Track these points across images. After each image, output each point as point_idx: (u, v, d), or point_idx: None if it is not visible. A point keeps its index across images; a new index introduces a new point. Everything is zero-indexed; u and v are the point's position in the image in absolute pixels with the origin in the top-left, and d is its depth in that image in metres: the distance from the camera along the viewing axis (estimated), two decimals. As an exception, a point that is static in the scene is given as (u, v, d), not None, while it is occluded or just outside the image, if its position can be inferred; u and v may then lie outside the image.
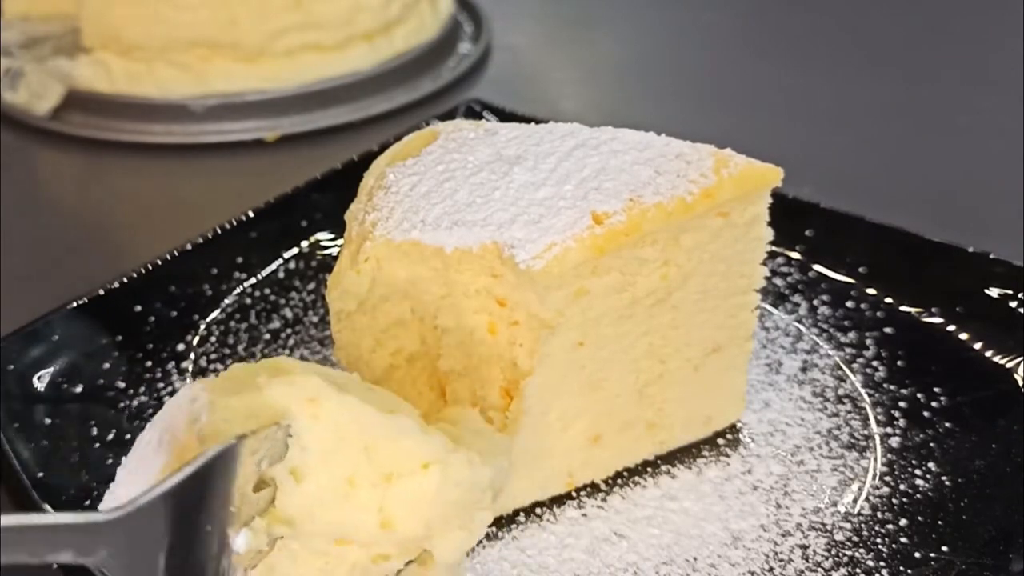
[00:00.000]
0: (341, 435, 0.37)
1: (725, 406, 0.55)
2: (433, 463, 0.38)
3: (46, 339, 0.57)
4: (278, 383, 0.37)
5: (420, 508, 0.38)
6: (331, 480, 0.37)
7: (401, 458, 0.38)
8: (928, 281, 0.61)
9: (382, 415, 0.37)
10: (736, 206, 0.47)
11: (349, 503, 0.37)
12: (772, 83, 1.02)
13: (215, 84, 0.91)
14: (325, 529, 0.37)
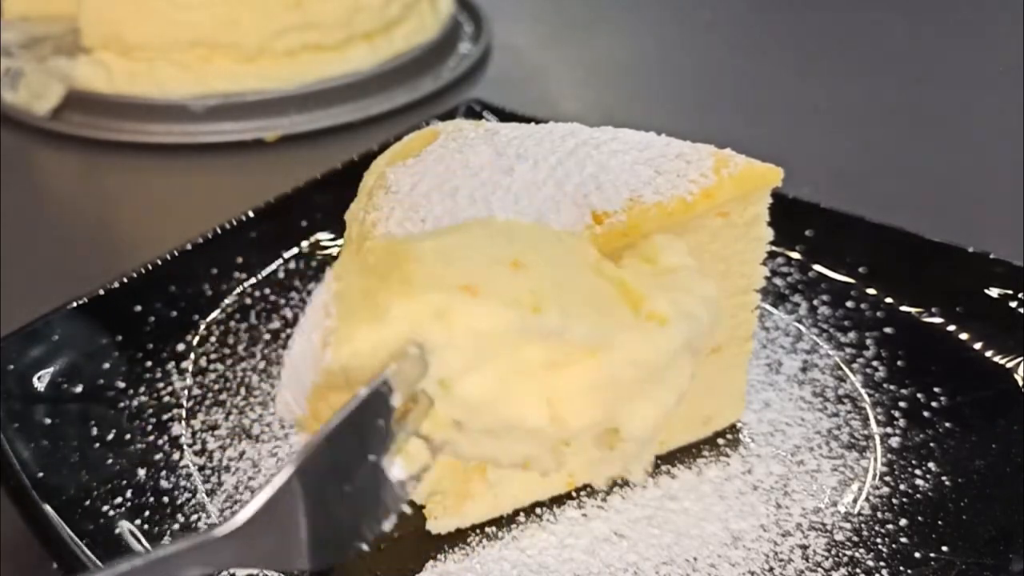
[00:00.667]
0: (481, 343, 0.34)
1: (725, 406, 0.55)
2: (599, 349, 0.34)
3: (46, 339, 0.57)
4: (400, 305, 0.33)
5: (592, 397, 0.34)
6: (483, 383, 0.34)
7: (558, 350, 0.34)
8: (928, 281, 0.61)
9: (522, 314, 0.33)
10: (736, 206, 0.47)
11: (510, 402, 0.34)
12: (772, 83, 1.02)
13: (215, 84, 0.91)
14: (490, 429, 0.34)
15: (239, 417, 0.56)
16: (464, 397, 0.34)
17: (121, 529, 0.48)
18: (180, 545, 0.30)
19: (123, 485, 0.50)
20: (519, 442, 0.35)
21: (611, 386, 0.35)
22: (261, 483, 0.51)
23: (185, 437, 0.54)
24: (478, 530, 0.49)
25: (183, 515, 0.49)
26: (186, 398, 0.57)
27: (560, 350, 0.34)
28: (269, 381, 0.59)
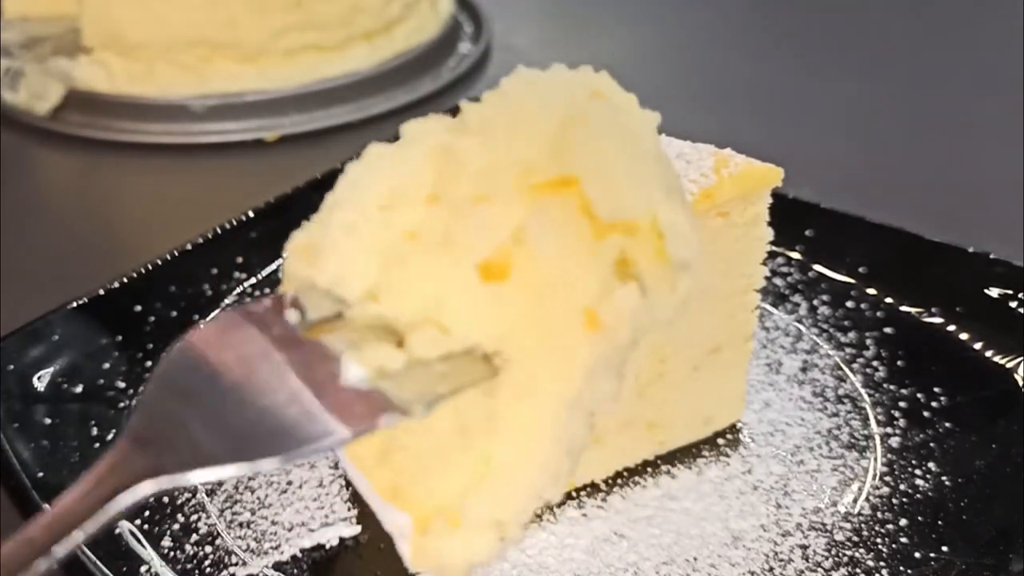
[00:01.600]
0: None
1: (725, 406, 0.55)
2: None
3: (46, 339, 0.57)
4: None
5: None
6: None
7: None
8: (928, 281, 0.61)
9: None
10: (736, 206, 0.47)
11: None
12: (772, 83, 1.02)
13: (215, 84, 0.91)
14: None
15: (239, 417, 0.56)
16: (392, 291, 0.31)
17: (121, 529, 0.48)
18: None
19: (123, 485, 0.50)
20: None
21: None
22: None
23: (185, 437, 0.54)
24: (478, 530, 0.49)
25: (183, 515, 0.49)
26: (186, 398, 0.57)
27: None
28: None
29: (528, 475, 0.29)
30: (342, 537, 0.48)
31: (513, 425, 0.29)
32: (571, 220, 0.29)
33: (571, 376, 0.29)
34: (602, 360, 0.29)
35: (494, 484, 0.29)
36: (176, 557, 0.47)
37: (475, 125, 0.30)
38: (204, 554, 0.47)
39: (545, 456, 0.29)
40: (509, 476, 0.29)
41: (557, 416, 0.29)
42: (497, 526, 0.29)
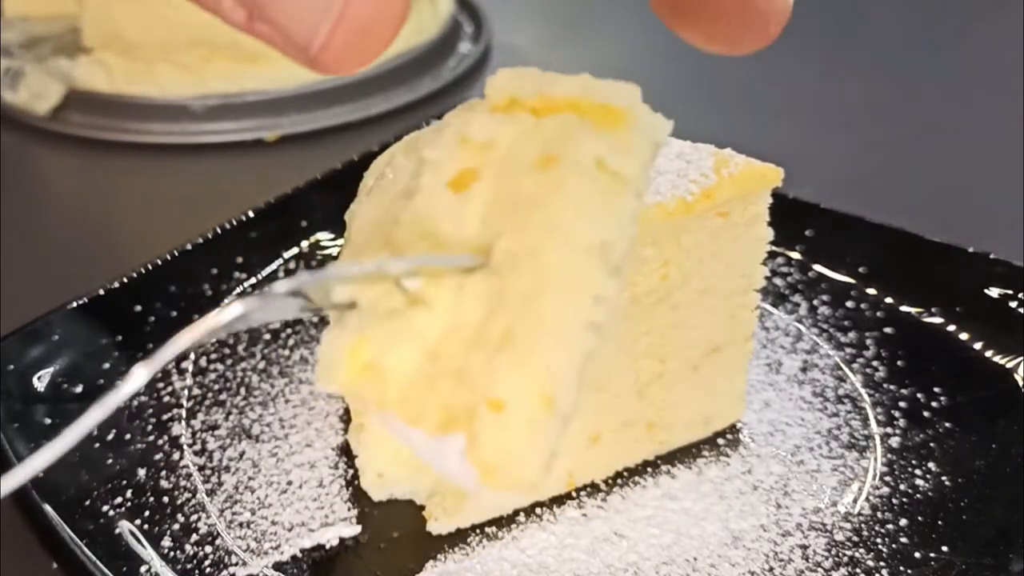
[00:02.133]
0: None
1: (725, 406, 0.55)
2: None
3: (46, 339, 0.57)
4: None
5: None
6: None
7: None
8: (928, 281, 0.61)
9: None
10: (736, 206, 0.47)
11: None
12: (772, 83, 1.02)
13: (215, 84, 0.91)
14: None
15: (239, 417, 0.56)
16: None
17: (121, 529, 0.48)
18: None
19: (123, 485, 0.50)
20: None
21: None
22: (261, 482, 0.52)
23: (185, 437, 0.54)
24: (478, 530, 0.49)
25: (183, 515, 0.49)
26: (186, 398, 0.57)
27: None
28: (269, 381, 0.59)
29: (554, 333, 0.26)
30: (342, 537, 0.48)
31: (522, 288, 0.27)
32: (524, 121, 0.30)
33: (555, 221, 0.28)
34: (584, 197, 0.28)
35: (524, 356, 0.26)
36: (176, 557, 0.47)
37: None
38: (204, 554, 0.47)
39: (562, 307, 0.27)
40: (535, 342, 0.26)
41: (560, 261, 0.27)
42: (544, 400, 0.26)
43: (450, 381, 0.27)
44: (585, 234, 0.28)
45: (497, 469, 0.26)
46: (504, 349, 0.27)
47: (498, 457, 0.26)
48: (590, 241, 0.28)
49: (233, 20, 0.26)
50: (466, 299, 0.28)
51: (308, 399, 0.57)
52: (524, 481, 0.26)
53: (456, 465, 0.27)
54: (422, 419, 0.27)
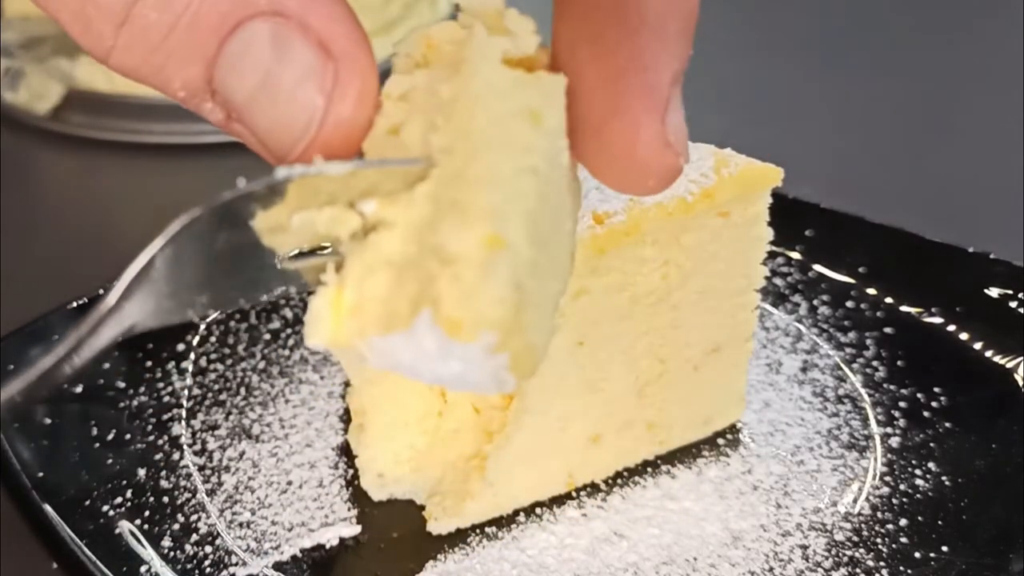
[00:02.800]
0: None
1: (725, 406, 0.55)
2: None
3: (46, 339, 0.57)
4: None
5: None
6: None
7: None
8: (928, 281, 0.61)
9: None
10: (736, 206, 0.47)
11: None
12: (772, 83, 1.02)
13: (215, 84, 0.91)
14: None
15: (239, 417, 0.56)
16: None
17: (121, 529, 0.48)
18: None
19: (123, 485, 0.50)
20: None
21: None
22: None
23: (185, 437, 0.54)
24: (478, 530, 0.49)
25: (183, 515, 0.49)
26: (186, 398, 0.57)
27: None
28: (269, 381, 0.59)
29: (488, 182, 0.26)
30: (342, 537, 0.48)
31: (456, 163, 0.27)
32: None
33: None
34: (499, 79, 0.27)
35: (463, 211, 0.26)
36: (176, 557, 0.47)
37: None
38: (204, 554, 0.47)
39: (493, 160, 0.26)
40: (471, 195, 0.26)
41: (486, 127, 0.27)
42: (490, 240, 0.25)
43: (412, 274, 0.26)
44: (508, 103, 0.27)
45: (462, 320, 0.25)
46: (446, 215, 0.26)
47: (460, 307, 0.25)
48: (513, 108, 0.27)
49: (212, 118, 0.27)
50: (416, 202, 0.27)
51: (308, 399, 0.57)
52: (495, 321, 0.25)
53: (434, 345, 0.26)
54: (395, 318, 0.26)
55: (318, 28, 0.25)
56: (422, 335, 0.26)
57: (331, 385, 0.58)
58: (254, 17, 0.25)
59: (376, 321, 0.26)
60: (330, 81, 0.26)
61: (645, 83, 0.27)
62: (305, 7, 0.25)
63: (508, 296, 0.25)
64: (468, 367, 0.26)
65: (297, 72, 0.25)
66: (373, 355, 0.27)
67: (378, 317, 0.26)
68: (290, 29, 0.25)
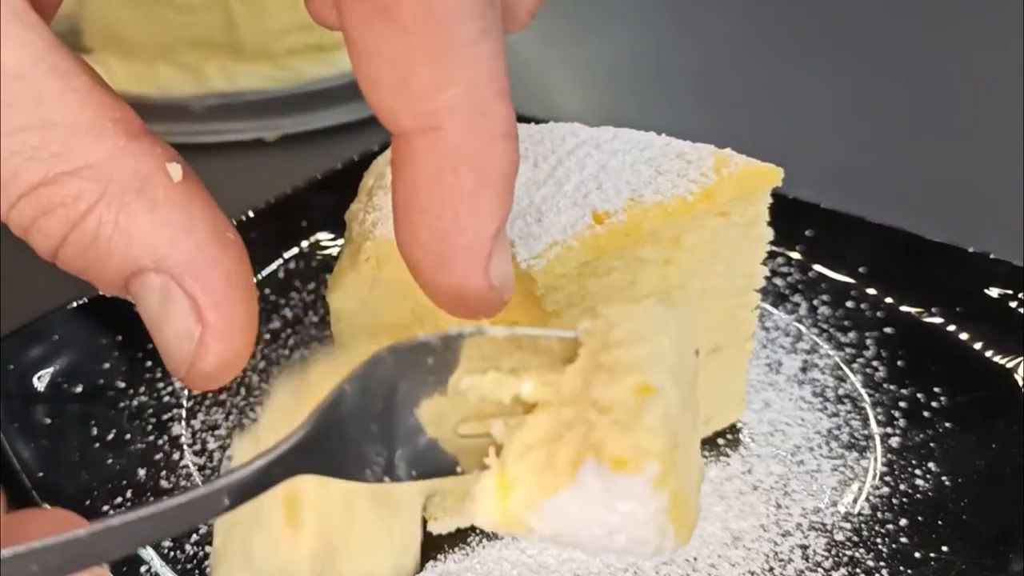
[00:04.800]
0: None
1: (725, 406, 0.55)
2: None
3: (46, 339, 0.57)
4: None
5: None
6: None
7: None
8: (928, 281, 0.61)
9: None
10: (736, 206, 0.47)
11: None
12: (772, 83, 1.02)
13: (215, 84, 0.91)
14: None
15: (239, 417, 0.56)
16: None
17: (121, 529, 0.47)
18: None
19: (123, 485, 0.50)
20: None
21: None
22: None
23: (185, 437, 0.54)
24: (478, 530, 0.49)
25: (183, 515, 0.49)
26: (186, 398, 0.57)
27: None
28: (269, 381, 0.59)
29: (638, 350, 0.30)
30: (342, 537, 0.48)
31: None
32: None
33: None
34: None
35: (614, 364, 0.30)
36: (176, 557, 0.47)
37: None
38: (204, 554, 0.47)
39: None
40: (617, 347, 0.30)
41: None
42: (641, 390, 0.29)
43: (570, 434, 0.29)
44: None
45: (625, 455, 0.27)
46: (597, 377, 0.29)
47: (621, 444, 0.27)
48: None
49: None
50: (567, 379, 0.30)
51: (308, 399, 0.57)
52: (655, 451, 0.27)
53: (599, 488, 0.28)
54: (560, 475, 0.28)
55: (195, 293, 0.29)
56: (588, 481, 0.28)
57: (331, 385, 0.58)
58: (148, 271, 0.29)
59: (542, 485, 0.29)
60: (196, 342, 0.29)
61: (466, 244, 0.30)
62: (190, 268, 0.29)
63: (664, 428, 0.28)
64: (633, 509, 0.28)
65: (174, 327, 0.29)
66: (541, 522, 0.29)
67: (544, 480, 0.29)
68: (173, 287, 0.29)
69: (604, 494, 0.28)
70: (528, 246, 0.42)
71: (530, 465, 0.29)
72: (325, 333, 0.62)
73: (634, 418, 0.28)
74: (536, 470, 0.29)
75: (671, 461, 0.27)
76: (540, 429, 0.30)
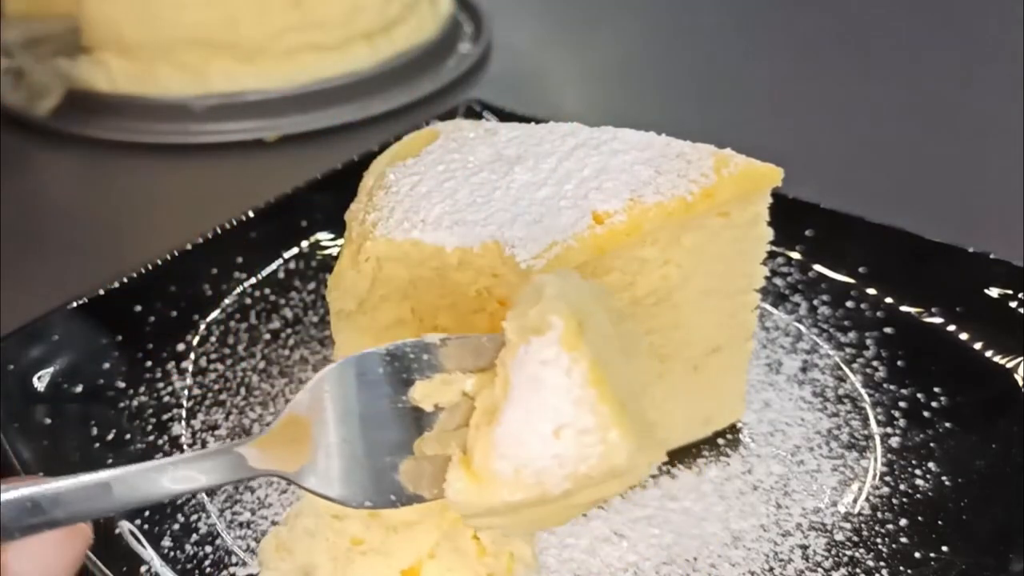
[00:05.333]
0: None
1: (725, 406, 0.55)
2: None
3: (46, 339, 0.57)
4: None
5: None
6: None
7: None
8: (928, 281, 0.61)
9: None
10: (736, 206, 0.47)
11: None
12: (772, 83, 1.02)
13: (215, 84, 0.91)
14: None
15: (239, 417, 0.56)
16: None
17: (121, 529, 0.48)
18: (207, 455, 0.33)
19: (123, 485, 0.50)
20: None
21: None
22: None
23: (185, 437, 0.54)
24: (478, 530, 0.49)
25: (183, 515, 0.49)
26: (186, 398, 0.57)
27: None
28: (269, 381, 0.59)
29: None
30: (342, 537, 0.48)
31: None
32: (467, 544, 0.39)
33: None
34: None
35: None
36: (176, 557, 0.47)
37: None
38: (204, 554, 0.47)
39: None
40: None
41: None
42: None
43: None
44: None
45: (536, 325, 0.32)
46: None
47: (531, 319, 0.32)
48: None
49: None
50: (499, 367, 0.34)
51: (308, 399, 0.57)
52: (554, 311, 0.32)
53: (528, 379, 0.31)
54: (497, 405, 0.32)
55: None
56: (517, 380, 0.31)
57: (331, 385, 0.58)
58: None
59: (489, 422, 0.32)
60: None
61: None
62: None
63: (561, 300, 0.32)
64: (556, 377, 0.31)
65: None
66: (504, 459, 0.31)
67: (490, 420, 0.32)
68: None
69: (530, 378, 0.31)
70: (528, 246, 0.42)
71: (478, 430, 0.32)
72: (325, 333, 0.62)
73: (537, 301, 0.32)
74: (482, 426, 0.32)
75: (573, 325, 0.31)
76: (480, 406, 0.33)
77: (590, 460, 0.30)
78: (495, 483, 0.31)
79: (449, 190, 0.47)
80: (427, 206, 0.46)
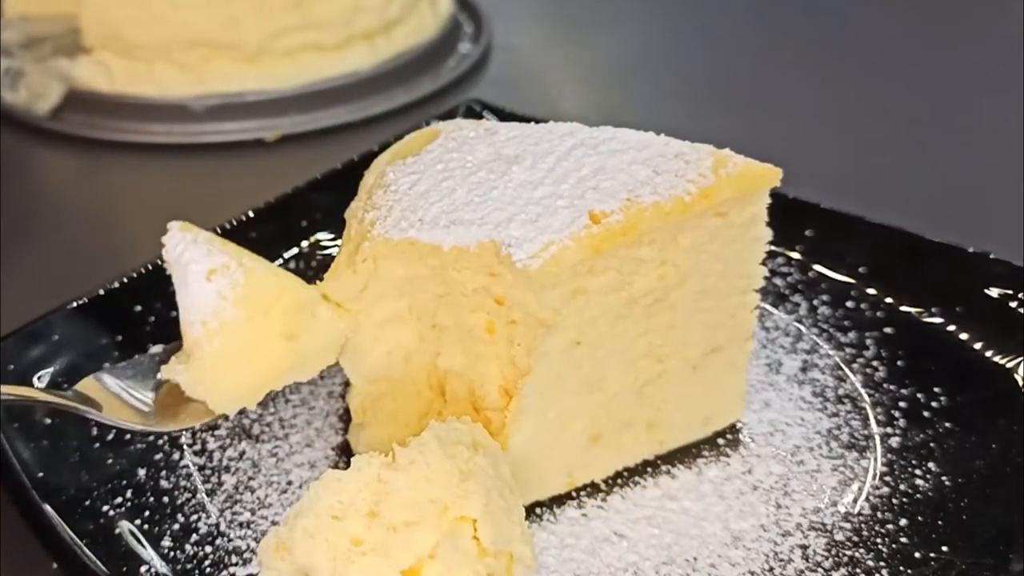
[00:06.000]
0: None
1: (725, 406, 0.55)
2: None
3: (46, 339, 0.57)
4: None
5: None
6: None
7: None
8: (928, 281, 0.61)
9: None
10: (734, 206, 0.47)
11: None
12: (772, 83, 1.02)
13: (215, 84, 0.91)
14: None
15: (239, 417, 0.56)
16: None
17: (121, 529, 0.48)
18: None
19: (123, 485, 0.50)
20: None
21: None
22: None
23: (185, 437, 0.54)
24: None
25: (183, 515, 0.49)
26: (186, 398, 0.57)
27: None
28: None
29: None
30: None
31: None
32: (468, 544, 0.40)
33: None
34: None
35: None
36: (176, 557, 0.47)
37: (403, 464, 0.41)
38: (204, 554, 0.47)
39: None
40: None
41: None
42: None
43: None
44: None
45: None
46: None
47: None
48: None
49: None
50: None
51: (308, 399, 0.57)
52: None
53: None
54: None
55: None
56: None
57: (331, 385, 0.58)
58: None
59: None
60: None
61: None
62: None
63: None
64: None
65: None
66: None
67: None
68: None
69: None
70: (524, 246, 0.42)
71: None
72: (325, 333, 0.62)
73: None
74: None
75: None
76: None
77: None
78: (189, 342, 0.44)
79: (447, 189, 0.47)
80: (425, 205, 0.46)
